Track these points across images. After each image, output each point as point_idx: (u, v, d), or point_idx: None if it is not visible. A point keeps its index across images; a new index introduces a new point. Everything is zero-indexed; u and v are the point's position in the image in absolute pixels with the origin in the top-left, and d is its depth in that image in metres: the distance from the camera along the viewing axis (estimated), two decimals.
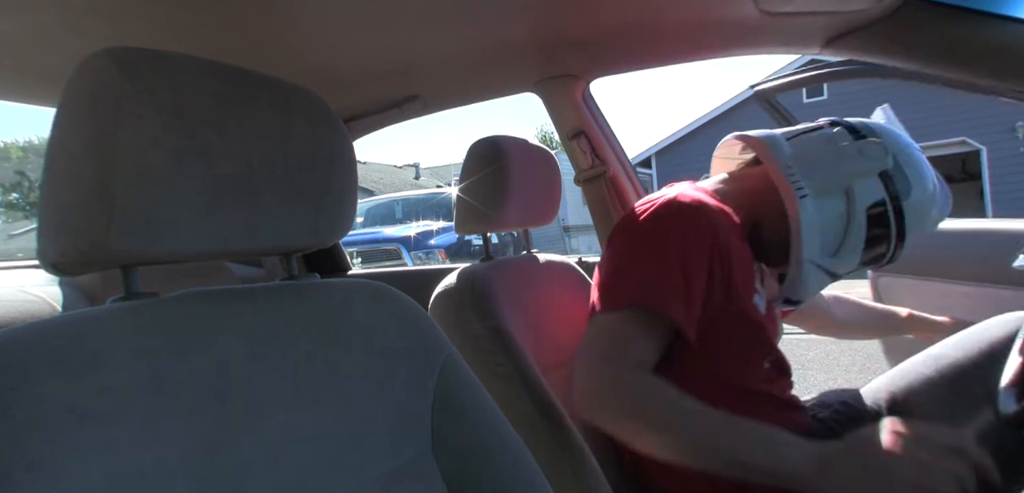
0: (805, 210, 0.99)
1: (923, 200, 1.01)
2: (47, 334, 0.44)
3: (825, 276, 1.03)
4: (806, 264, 1.00)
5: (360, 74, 1.38)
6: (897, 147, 1.02)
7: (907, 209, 0.99)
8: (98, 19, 0.98)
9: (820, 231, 1.00)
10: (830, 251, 1.01)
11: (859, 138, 1.03)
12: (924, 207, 1.01)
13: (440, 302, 1.08)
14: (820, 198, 1.00)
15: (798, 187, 1.00)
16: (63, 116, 0.48)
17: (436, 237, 6.27)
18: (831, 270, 1.02)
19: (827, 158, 1.02)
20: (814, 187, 1.00)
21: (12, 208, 17.18)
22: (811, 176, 1.01)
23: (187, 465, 0.45)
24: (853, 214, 0.99)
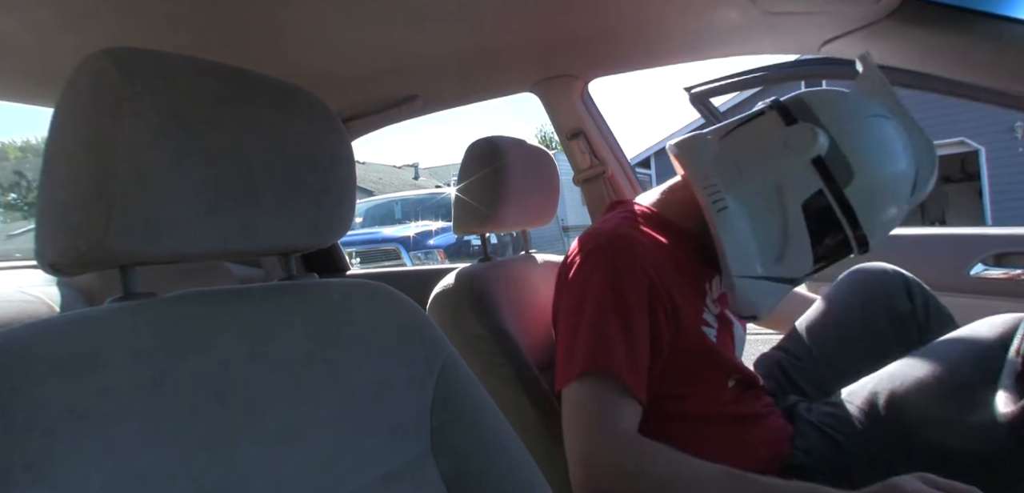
0: (729, 222, 0.91)
1: (877, 180, 0.89)
2: (46, 334, 0.44)
3: (776, 286, 0.93)
4: (739, 282, 0.92)
5: (359, 74, 1.38)
6: (837, 126, 0.89)
7: (853, 196, 0.87)
8: (97, 19, 0.98)
9: (754, 240, 0.91)
10: (773, 257, 0.92)
11: (792, 122, 0.92)
12: (882, 187, 0.89)
13: (438, 302, 1.08)
14: (746, 204, 0.91)
15: (715, 199, 0.92)
16: (62, 116, 0.48)
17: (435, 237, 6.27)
18: (781, 277, 0.93)
19: (751, 156, 0.93)
20: (738, 193, 0.92)
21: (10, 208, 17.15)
22: (734, 181, 0.92)
23: (186, 465, 0.45)
24: (787, 214, 0.90)
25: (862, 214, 0.88)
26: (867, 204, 0.88)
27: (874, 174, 0.88)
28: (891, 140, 0.90)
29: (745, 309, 0.95)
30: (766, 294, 0.93)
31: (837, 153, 0.88)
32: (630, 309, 0.87)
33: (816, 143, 0.88)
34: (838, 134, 0.89)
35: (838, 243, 0.90)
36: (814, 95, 0.94)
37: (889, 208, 0.90)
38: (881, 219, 0.90)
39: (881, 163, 0.89)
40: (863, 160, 0.88)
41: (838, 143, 0.88)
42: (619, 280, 0.89)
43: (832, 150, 0.88)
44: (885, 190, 0.89)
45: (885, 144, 0.90)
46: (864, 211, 0.88)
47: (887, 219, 0.91)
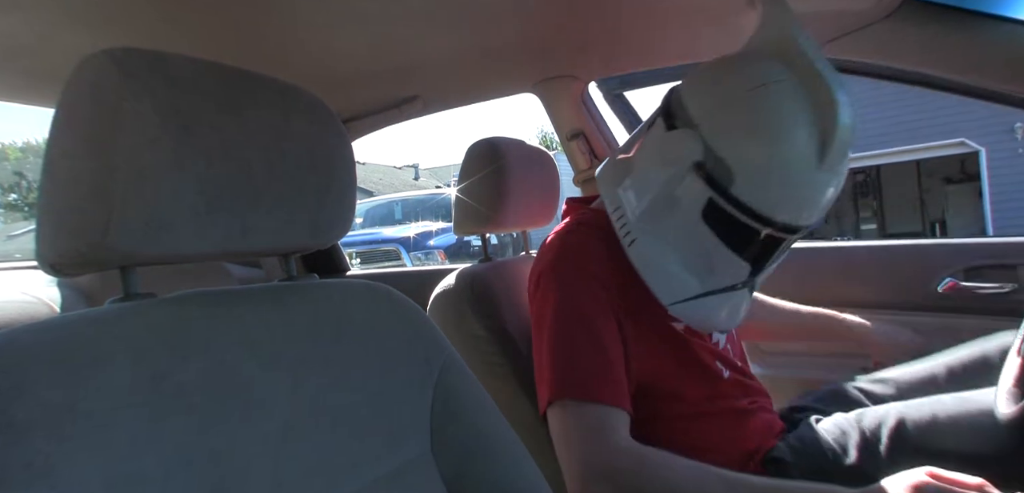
0: (643, 253, 0.87)
1: (764, 168, 0.78)
2: (46, 335, 0.44)
3: (724, 296, 0.88)
4: (676, 308, 0.88)
5: (359, 74, 1.38)
6: (709, 121, 0.81)
7: (744, 193, 0.79)
8: (97, 19, 0.98)
9: (677, 261, 0.86)
10: (705, 270, 0.86)
11: (671, 126, 0.85)
12: (774, 172, 0.78)
13: (439, 303, 1.08)
14: (656, 228, 0.87)
15: (625, 233, 0.89)
16: (62, 116, 0.48)
17: (435, 238, 6.28)
18: (724, 287, 0.87)
19: (647, 176, 0.88)
20: (646, 219, 0.87)
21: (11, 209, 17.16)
22: (639, 206, 0.88)
23: (186, 465, 0.45)
24: (694, 228, 0.84)
25: (764, 207, 0.79)
26: (764, 196, 0.79)
27: (758, 164, 0.78)
28: (774, 113, 0.78)
29: (702, 328, 0.93)
30: (716, 307, 0.88)
31: (712, 154, 0.80)
32: (593, 320, 0.86)
33: (685, 152, 0.81)
34: (709, 132, 0.80)
35: (764, 240, 0.82)
36: (690, 84, 0.87)
37: (795, 188, 0.79)
38: (794, 201, 0.80)
39: (763, 147, 0.78)
40: (741, 154, 0.79)
41: (710, 143, 0.80)
42: (577, 293, 0.88)
43: (707, 152, 0.80)
44: (779, 173, 0.78)
45: (766, 122, 0.78)
46: (765, 204, 0.79)
47: (803, 196, 0.80)
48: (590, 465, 0.81)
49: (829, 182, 0.80)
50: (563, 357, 0.86)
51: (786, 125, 0.78)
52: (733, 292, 0.88)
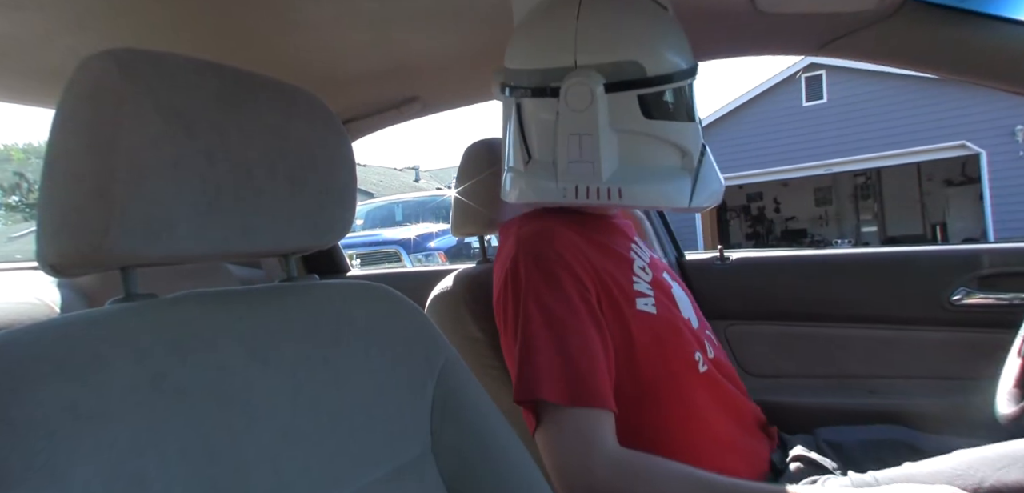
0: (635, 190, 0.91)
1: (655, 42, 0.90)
2: (46, 335, 0.44)
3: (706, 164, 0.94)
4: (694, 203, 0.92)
5: (359, 75, 1.38)
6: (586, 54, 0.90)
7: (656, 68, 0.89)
8: (98, 20, 0.98)
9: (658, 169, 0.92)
10: (681, 155, 0.92)
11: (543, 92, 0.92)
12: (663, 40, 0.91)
13: (437, 304, 1.08)
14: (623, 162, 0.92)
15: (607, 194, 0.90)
16: (63, 117, 0.48)
17: (436, 239, 6.28)
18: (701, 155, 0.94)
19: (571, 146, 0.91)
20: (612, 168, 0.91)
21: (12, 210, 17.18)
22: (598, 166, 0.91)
23: (186, 466, 0.45)
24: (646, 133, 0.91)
25: (674, 64, 0.88)
26: (667, 57, 0.88)
27: (644, 39, 0.88)
28: (615, 12, 0.89)
29: (715, 200, 0.96)
30: (709, 175, 0.94)
31: (609, 68, 0.87)
32: (570, 317, 0.84)
33: (591, 88, 0.86)
34: (591, 57, 0.88)
35: (688, 92, 0.92)
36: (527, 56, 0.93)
37: (673, 34, 0.91)
38: (682, 42, 0.91)
39: (634, 28, 0.88)
40: (627, 46, 0.87)
41: (599, 63, 0.87)
42: (549, 290, 0.85)
43: (604, 70, 0.87)
44: (661, 34, 0.90)
45: (608, 13, 0.89)
46: (673, 62, 0.88)
47: (679, 34, 0.92)
48: (574, 477, 0.79)
49: (676, 22, 0.94)
50: (542, 361, 0.82)
51: (630, 3, 0.90)
52: (706, 156, 0.95)
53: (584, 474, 0.78)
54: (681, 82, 0.90)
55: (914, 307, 1.28)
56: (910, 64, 1.08)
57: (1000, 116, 11.27)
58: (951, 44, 0.96)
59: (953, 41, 0.96)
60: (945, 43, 0.97)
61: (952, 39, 0.95)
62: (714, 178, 0.95)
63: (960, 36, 0.94)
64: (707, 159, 0.95)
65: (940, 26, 0.95)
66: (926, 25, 0.95)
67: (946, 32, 0.94)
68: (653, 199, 0.92)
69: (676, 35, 0.91)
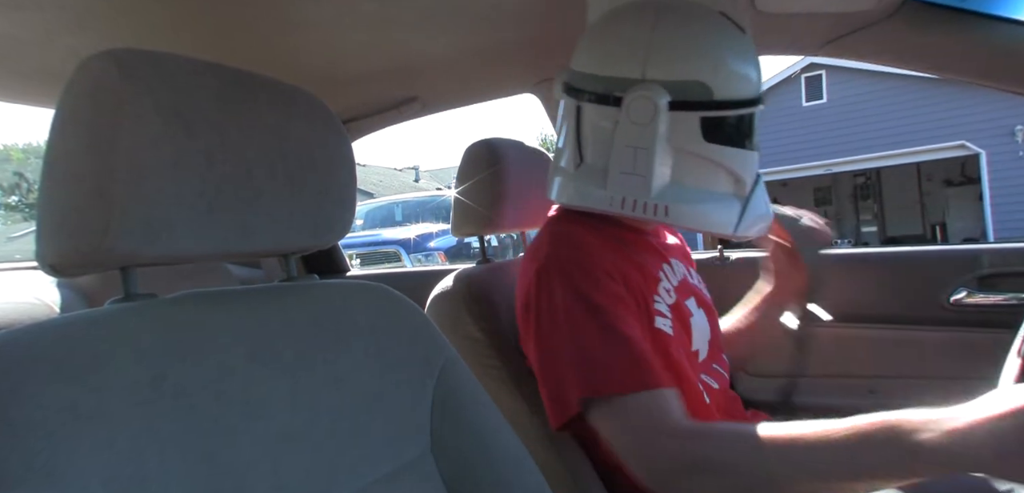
0: (682, 210, 0.88)
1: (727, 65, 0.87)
2: (45, 335, 0.44)
3: (757, 191, 0.91)
4: (740, 230, 0.89)
5: (359, 75, 1.38)
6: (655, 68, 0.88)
7: (724, 91, 0.86)
8: (97, 20, 0.98)
9: (709, 193, 0.89)
10: (734, 181, 0.90)
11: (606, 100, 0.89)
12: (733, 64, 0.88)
13: (436, 304, 1.08)
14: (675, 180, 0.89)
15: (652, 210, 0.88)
16: (62, 117, 0.48)
17: (436, 240, 6.28)
18: (755, 182, 0.91)
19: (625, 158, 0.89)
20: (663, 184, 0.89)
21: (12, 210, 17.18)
22: (649, 180, 0.88)
23: (186, 466, 0.45)
24: (701, 155, 0.88)
25: (743, 91, 0.86)
26: (737, 82, 0.85)
27: (715, 62, 0.85)
28: (689, 29, 0.87)
29: (761, 231, 0.93)
30: (758, 203, 0.91)
31: (675, 85, 0.84)
32: (611, 307, 0.83)
33: (654, 103, 0.84)
34: (659, 71, 0.85)
35: (750, 119, 0.88)
36: (594, 59, 0.91)
37: (746, 58, 0.87)
38: (752, 69, 0.87)
39: (709, 48, 0.86)
40: (698, 66, 0.84)
41: (666, 79, 0.84)
42: (589, 283, 0.84)
43: (670, 88, 0.84)
44: (731, 58, 0.86)
45: (696, 30, 0.87)
46: (741, 88, 0.86)
47: (752, 61, 0.88)
48: (650, 460, 0.77)
49: (752, 47, 0.90)
50: (593, 352, 0.81)
51: (707, 24, 0.87)
52: (758, 184, 0.92)
53: (660, 455, 0.76)
54: (746, 110, 0.87)
55: (914, 307, 1.27)
56: (910, 64, 1.08)
57: (1000, 116, 11.27)
58: (951, 44, 0.96)
59: (953, 41, 0.96)
60: (945, 43, 0.97)
61: (952, 39, 0.95)
62: (763, 207, 0.92)
63: (960, 36, 0.94)
64: (759, 187, 0.92)
65: (940, 26, 0.95)
66: (926, 25, 0.95)
67: (946, 32, 0.94)
68: (698, 221, 0.89)
69: (749, 61, 0.88)
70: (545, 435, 0.91)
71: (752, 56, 0.88)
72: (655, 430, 0.78)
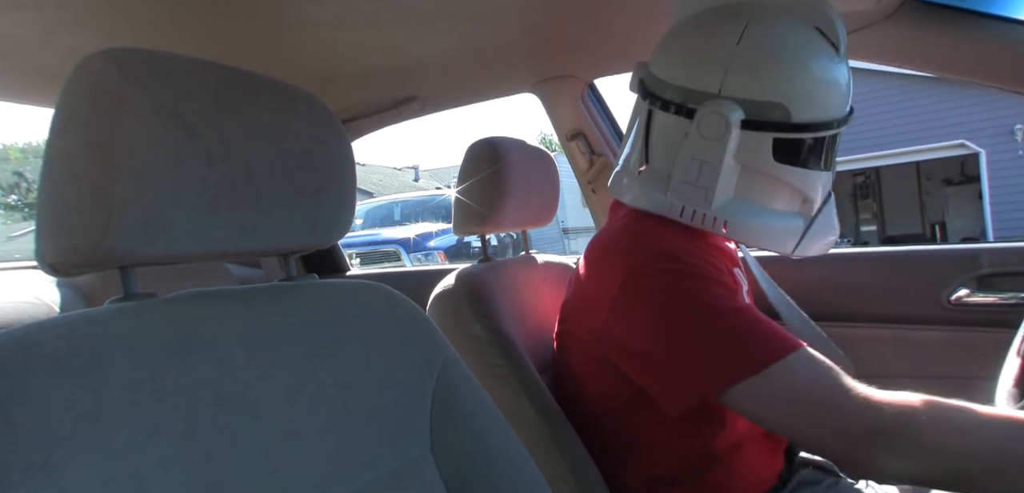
0: (742, 224, 0.87)
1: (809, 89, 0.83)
2: (45, 335, 0.44)
3: (826, 213, 0.90)
4: (799, 250, 0.88)
5: (358, 75, 1.38)
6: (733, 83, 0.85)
7: (802, 115, 0.82)
8: (97, 20, 0.98)
9: (772, 212, 0.87)
10: (802, 201, 0.88)
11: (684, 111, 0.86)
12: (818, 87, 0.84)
13: (438, 303, 1.07)
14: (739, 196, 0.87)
15: (713, 222, 0.86)
16: (62, 116, 0.48)
17: (435, 239, 6.28)
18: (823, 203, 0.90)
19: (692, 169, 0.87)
20: (726, 198, 0.87)
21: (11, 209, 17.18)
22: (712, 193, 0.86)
23: (186, 466, 0.45)
24: (770, 175, 0.86)
25: (823, 114, 0.82)
26: (818, 107, 0.81)
27: (798, 84, 0.81)
28: (781, 37, 0.83)
29: (824, 251, 0.92)
30: (825, 226, 0.89)
31: (752, 104, 0.81)
32: (722, 293, 0.80)
33: (728, 119, 0.81)
34: (737, 88, 0.82)
35: (829, 141, 0.86)
36: (673, 66, 0.88)
37: (833, 83, 0.83)
38: (837, 94, 0.83)
39: (794, 69, 0.81)
40: (780, 86, 0.81)
41: (743, 97, 0.81)
42: (699, 270, 0.81)
43: (746, 106, 0.81)
44: (818, 81, 0.82)
45: (782, 46, 0.82)
46: (823, 111, 0.82)
47: (839, 86, 0.83)
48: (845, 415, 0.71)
49: (845, 64, 0.85)
50: (740, 327, 0.77)
51: (797, 40, 0.82)
52: (828, 204, 0.89)
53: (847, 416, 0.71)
54: (824, 132, 0.83)
55: (913, 306, 1.27)
56: (910, 64, 1.08)
57: (999, 115, 11.27)
58: (951, 44, 0.96)
59: (953, 41, 0.96)
60: (945, 43, 0.97)
61: (952, 39, 0.95)
62: (829, 228, 0.90)
63: (960, 36, 0.94)
64: (829, 208, 0.89)
65: (940, 26, 0.95)
66: (926, 25, 0.95)
67: (946, 32, 0.95)
68: (757, 238, 0.88)
69: (836, 82, 0.83)
70: (547, 435, 0.92)
71: (840, 75, 0.84)
72: (840, 380, 0.72)
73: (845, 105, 0.85)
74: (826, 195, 0.89)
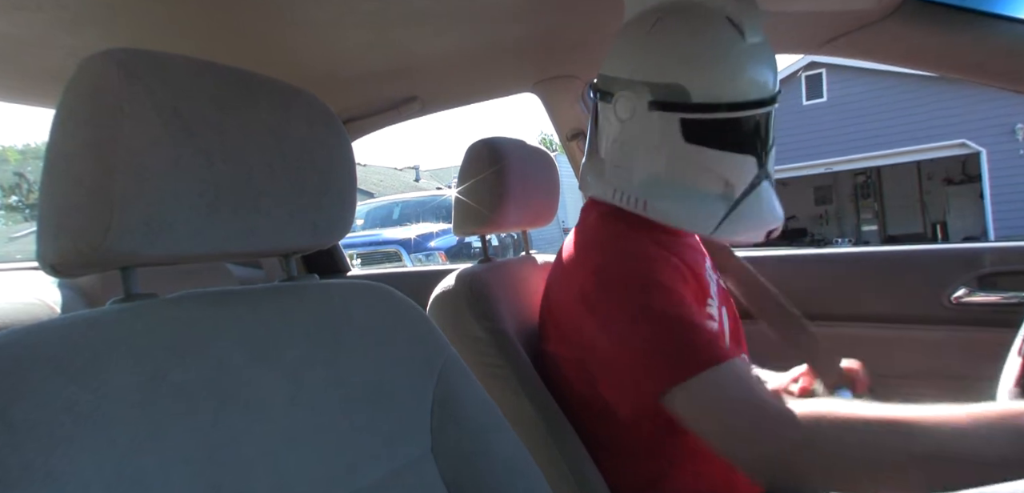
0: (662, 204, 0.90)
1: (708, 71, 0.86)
2: (46, 335, 0.44)
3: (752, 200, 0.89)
4: (719, 232, 0.89)
5: (358, 75, 1.38)
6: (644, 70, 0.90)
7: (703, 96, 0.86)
8: (97, 20, 0.98)
9: (692, 191, 0.89)
10: (722, 183, 0.90)
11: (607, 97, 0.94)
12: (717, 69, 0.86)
13: (438, 304, 1.08)
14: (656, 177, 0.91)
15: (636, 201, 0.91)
16: (63, 117, 0.48)
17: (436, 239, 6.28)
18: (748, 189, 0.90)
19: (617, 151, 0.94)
20: (644, 178, 0.92)
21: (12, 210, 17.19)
22: (633, 174, 0.92)
23: (186, 466, 0.45)
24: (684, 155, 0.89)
25: (725, 95, 0.85)
26: (719, 87, 0.85)
27: (697, 68, 0.85)
28: (683, 26, 0.87)
29: (751, 239, 0.91)
30: (751, 213, 0.89)
31: (659, 87, 0.87)
32: (685, 298, 0.83)
33: (637, 102, 0.88)
34: (647, 73, 0.88)
35: (746, 124, 0.87)
36: (608, 63, 0.94)
37: (737, 66, 0.85)
38: (743, 77, 0.85)
39: (694, 53, 0.86)
40: (681, 70, 0.86)
41: (652, 80, 0.87)
42: (650, 278, 0.84)
43: (654, 89, 0.87)
44: (719, 64, 0.85)
45: (686, 35, 0.87)
46: (724, 92, 0.85)
47: (747, 69, 0.85)
48: (759, 437, 0.74)
49: (762, 51, 0.87)
50: (680, 334, 0.80)
51: (699, 26, 0.87)
52: (756, 189, 0.90)
53: (765, 434, 0.74)
54: (729, 114, 0.86)
55: (914, 306, 1.27)
56: (910, 63, 1.08)
57: (1000, 114, 11.26)
58: (951, 43, 0.96)
59: (953, 40, 0.96)
60: (945, 42, 0.97)
61: (952, 38, 0.95)
62: (760, 215, 0.90)
63: (960, 35, 0.94)
64: (759, 194, 0.90)
65: (940, 25, 0.95)
66: (926, 24, 0.95)
67: (946, 31, 0.94)
68: (676, 218, 0.90)
69: (739, 66, 0.86)
70: (547, 435, 0.92)
71: (745, 60, 0.86)
72: (751, 403, 0.75)
73: (756, 91, 0.86)
74: (754, 180, 0.89)
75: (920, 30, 0.96)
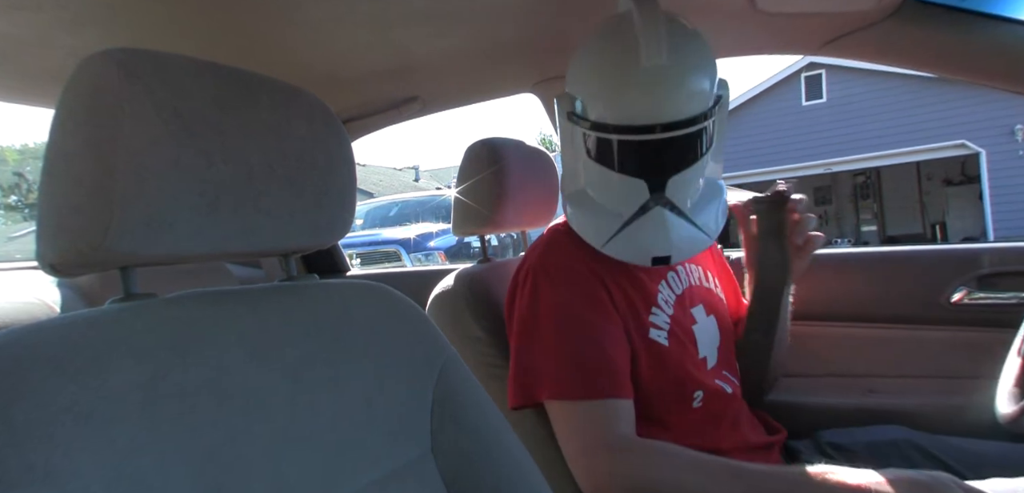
0: (572, 210, 0.98)
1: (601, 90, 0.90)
2: (45, 335, 0.44)
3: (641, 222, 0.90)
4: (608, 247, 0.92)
5: (358, 75, 1.38)
6: (570, 84, 0.96)
7: (596, 115, 0.90)
8: (97, 20, 0.98)
9: (592, 205, 0.95)
10: (615, 201, 0.92)
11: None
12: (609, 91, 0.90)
13: (437, 303, 1.08)
14: (571, 184, 1.00)
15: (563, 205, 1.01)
16: (62, 117, 0.48)
17: (436, 239, 6.27)
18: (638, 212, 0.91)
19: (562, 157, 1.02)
20: (565, 182, 1.01)
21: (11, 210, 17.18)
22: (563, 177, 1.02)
23: (186, 466, 0.45)
24: (586, 169, 0.95)
25: (612, 117, 0.87)
26: (609, 108, 0.88)
27: (593, 87, 0.90)
28: (595, 49, 0.91)
29: (636, 260, 0.92)
30: (638, 234, 0.90)
31: (571, 98, 0.93)
32: (586, 313, 0.89)
33: (562, 111, 0.94)
34: (571, 87, 0.94)
35: (642, 149, 0.87)
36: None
37: (629, 89, 0.86)
38: (635, 101, 0.85)
39: (592, 73, 0.90)
40: (583, 87, 0.91)
41: (573, 93, 0.93)
42: (570, 289, 0.91)
43: (573, 102, 0.93)
44: (610, 86, 0.88)
45: (592, 58, 0.91)
46: (612, 114, 0.87)
47: (638, 95, 0.85)
48: (585, 467, 0.84)
49: (657, 77, 0.84)
50: (562, 354, 0.88)
51: (606, 46, 0.90)
52: (646, 214, 0.89)
53: (598, 467, 0.82)
54: (617, 136, 0.87)
55: (914, 306, 1.27)
56: (910, 64, 1.08)
57: (1000, 115, 11.27)
58: (951, 44, 0.96)
59: (953, 41, 0.96)
60: (945, 43, 0.97)
61: (952, 39, 0.95)
62: (643, 241, 0.90)
63: (960, 36, 0.94)
64: (650, 219, 0.89)
65: (940, 26, 0.95)
66: (926, 25, 0.95)
67: (946, 32, 0.94)
68: (579, 228, 0.95)
69: (628, 90, 0.86)
70: (547, 435, 0.92)
71: (637, 86, 0.85)
72: (598, 440, 0.84)
73: (644, 116, 0.85)
74: (645, 204, 0.89)
75: (920, 31, 0.96)
